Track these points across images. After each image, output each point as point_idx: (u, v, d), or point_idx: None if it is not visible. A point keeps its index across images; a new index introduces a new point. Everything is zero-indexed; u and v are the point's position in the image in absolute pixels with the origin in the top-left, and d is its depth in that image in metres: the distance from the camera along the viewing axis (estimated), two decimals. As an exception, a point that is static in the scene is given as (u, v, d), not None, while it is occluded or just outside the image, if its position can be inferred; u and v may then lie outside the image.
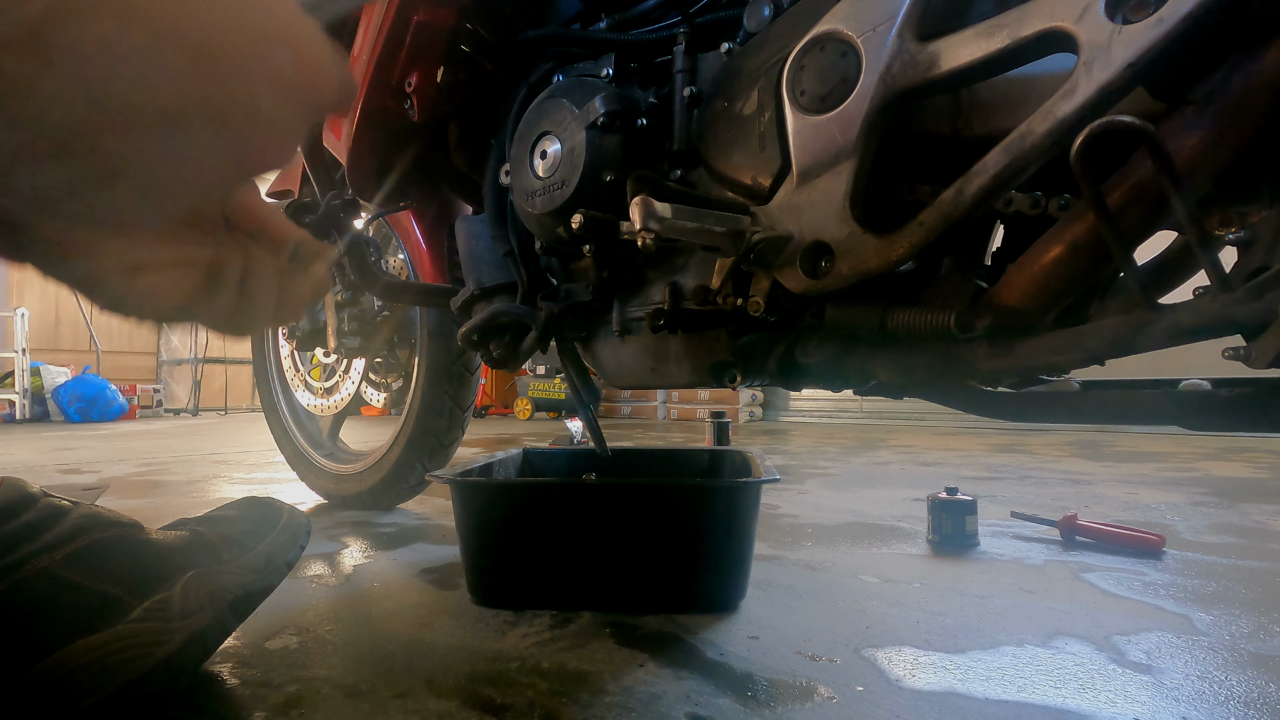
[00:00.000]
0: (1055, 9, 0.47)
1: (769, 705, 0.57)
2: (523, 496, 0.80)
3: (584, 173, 0.69)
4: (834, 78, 0.57)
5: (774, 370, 0.70)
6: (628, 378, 0.81)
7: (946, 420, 4.54)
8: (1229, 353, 0.45)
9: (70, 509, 0.55)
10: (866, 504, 1.51)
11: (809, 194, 0.59)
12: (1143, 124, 0.42)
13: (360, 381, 1.43)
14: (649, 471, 1.12)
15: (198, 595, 0.57)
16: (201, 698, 0.58)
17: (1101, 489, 1.75)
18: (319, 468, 1.47)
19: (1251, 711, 0.56)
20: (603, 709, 0.56)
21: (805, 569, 0.97)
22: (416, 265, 1.18)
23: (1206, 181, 0.45)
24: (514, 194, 0.78)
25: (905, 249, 0.54)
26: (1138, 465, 2.27)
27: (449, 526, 1.24)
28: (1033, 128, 0.47)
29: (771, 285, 0.64)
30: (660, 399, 5.75)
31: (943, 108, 0.58)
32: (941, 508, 1.13)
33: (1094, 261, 0.50)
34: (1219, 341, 0.46)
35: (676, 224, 0.56)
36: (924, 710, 0.56)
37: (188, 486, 1.77)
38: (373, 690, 0.59)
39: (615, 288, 0.78)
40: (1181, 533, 1.23)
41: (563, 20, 0.82)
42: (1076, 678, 0.62)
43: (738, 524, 0.78)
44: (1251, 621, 0.77)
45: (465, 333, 0.85)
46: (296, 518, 0.73)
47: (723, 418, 2.34)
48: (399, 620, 0.76)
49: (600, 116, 0.69)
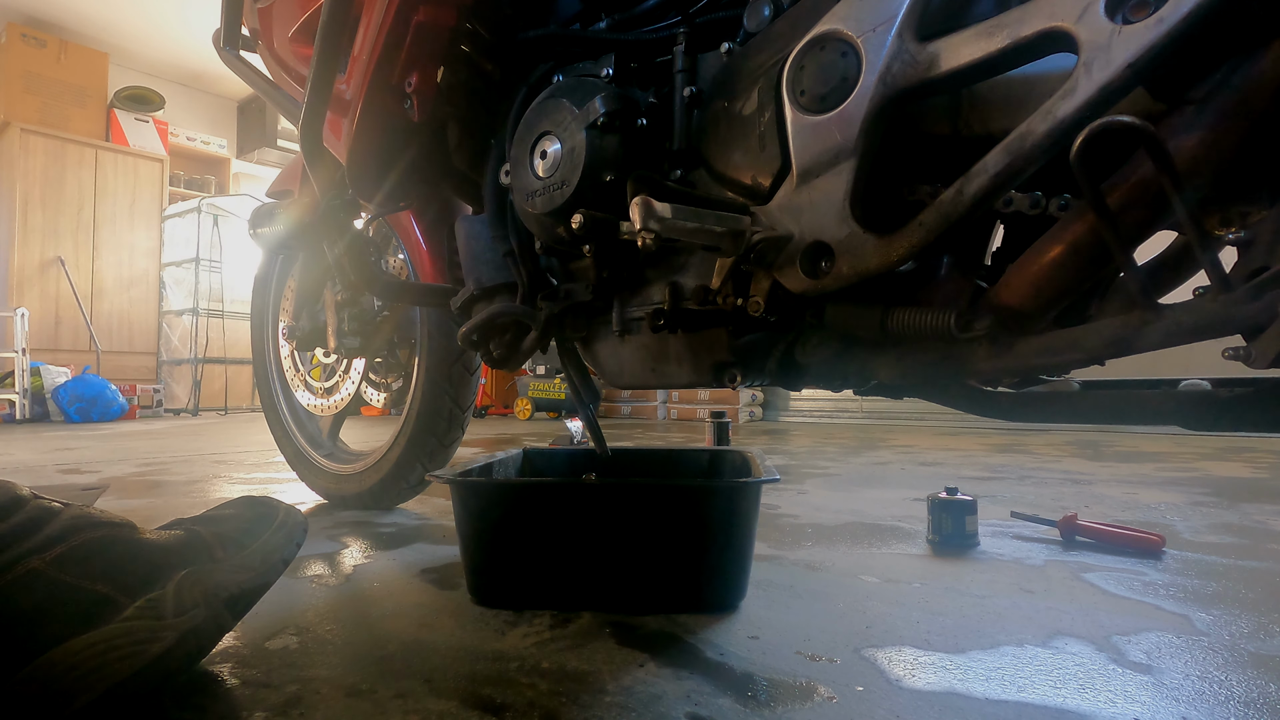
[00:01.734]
0: (1055, 9, 0.47)
1: (769, 705, 0.57)
2: (523, 496, 0.80)
3: (584, 173, 0.69)
4: (834, 78, 0.57)
5: (774, 370, 0.70)
6: (628, 378, 0.81)
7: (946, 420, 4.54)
8: (1229, 353, 0.45)
9: (60, 510, 0.55)
10: (866, 504, 1.51)
11: (809, 194, 0.59)
12: (1143, 124, 0.42)
13: (360, 381, 1.43)
14: (649, 472, 1.12)
15: (192, 593, 0.57)
16: (201, 697, 0.58)
17: (1101, 489, 1.75)
18: (319, 468, 1.47)
19: (1251, 711, 0.56)
20: (603, 709, 0.56)
21: (805, 569, 0.97)
22: (416, 265, 1.18)
23: (1206, 181, 0.45)
24: (514, 194, 0.78)
25: (905, 249, 0.54)
26: (1138, 465, 2.27)
27: (449, 526, 1.24)
28: (1033, 128, 0.47)
29: (771, 285, 0.64)
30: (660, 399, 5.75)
31: (943, 108, 0.58)
32: (941, 508, 1.13)
33: (1094, 261, 0.50)
34: (1219, 341, 0.46)
35: (676, 224, 0.56)
36: (924, 710, 0.56)
37: (188, 486, 1.77)
38: (373, 690, 0.59)
39: (615, 288, 0.78)
40: (1181, 533, 1.23)
41: (563, 20, 0.82)
42: (1076, 678, 0.62)
43: (738, 524, 0.78)
44: (1251, 621, 0.77)
45: (465, 333, 0.85)
46: (293, 516, 0.73)
47: (723, 418, 2.34)
48: (399, 620, 0.76)
49: (600, 116, 0.69)
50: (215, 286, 5.71)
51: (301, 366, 1.54)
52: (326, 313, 1.34)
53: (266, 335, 1.61)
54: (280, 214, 1.13)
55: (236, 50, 1.06)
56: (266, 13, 1.08)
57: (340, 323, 1.30)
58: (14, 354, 4.58)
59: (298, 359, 1.54)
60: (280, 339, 1.56)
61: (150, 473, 2.04)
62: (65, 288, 5.31)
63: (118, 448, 2.82)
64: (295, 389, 1.55)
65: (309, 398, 1.51)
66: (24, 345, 4.61)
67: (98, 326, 5.46)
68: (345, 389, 1.44)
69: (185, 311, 5.70)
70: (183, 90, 6.56)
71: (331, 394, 1.47)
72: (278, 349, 1.59)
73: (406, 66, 0.83)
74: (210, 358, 5.64)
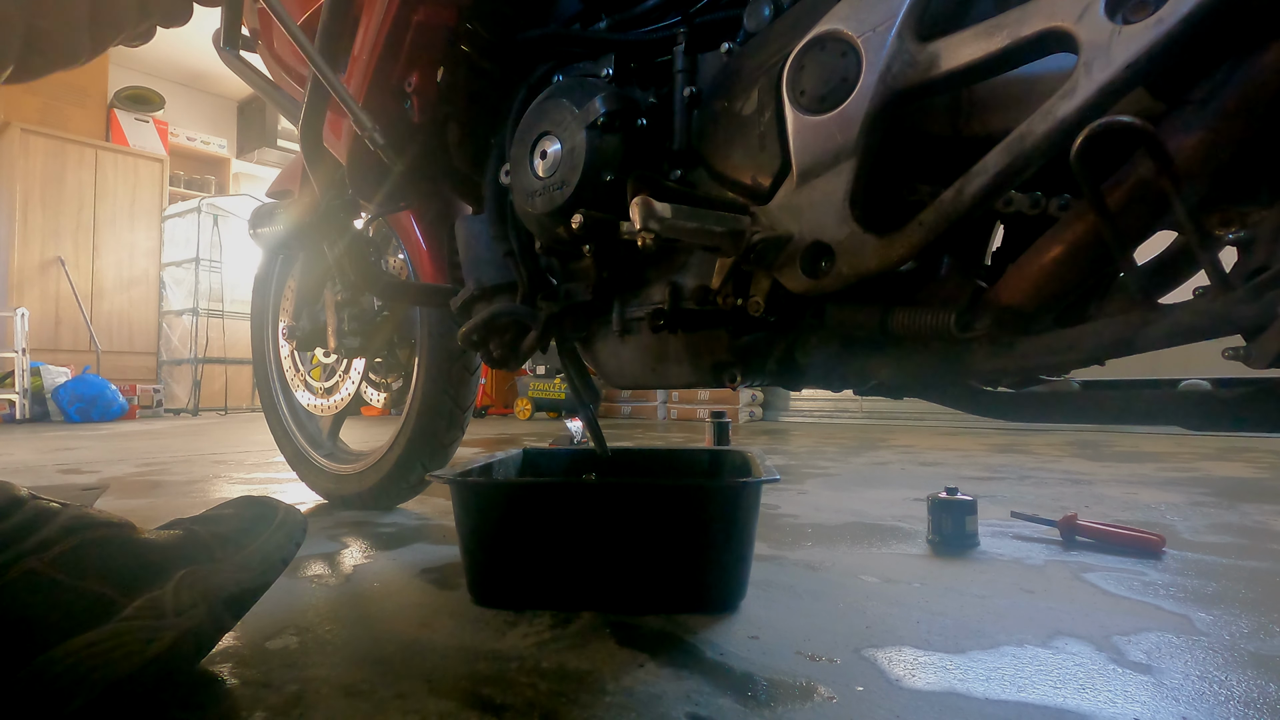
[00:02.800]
0: (1055, 9, 0.47)
1: (769, 705, 0.57)
2: (523, 496, 0.80)
3: (584, 173, 0.69)
4: (834, 78, 0.57)
5: (774, 370, 0.70)
6: (628, 378, 0.81)
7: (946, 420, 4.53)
8: (1229, 353, 0.45)
9: (59, 510, 0.55)
10: (866, 504, 1.51)
11: (809, 194, 0.59)
12: (1143, 124, 0.42)
13: (360, 381, 1.43)
14: (649, 472, 1.12)
15: (191, 593, 0.57)
16: (201, 697, 0.58)
17: (1101, 489, 1.75)
18: (319, 468, 1.47)
19: (1251, 711, 0.56)
20: (603, 709, 0.56)
21: (805, 569, 0.97)
22: (416, 265, 1.18)
23: (1206, 181, 0.45)
24: (514, 194, 0.78)
25: (905, 249, 0.54)
26: (1138, 465, 2.27)
27: (449, 526, 1.24)
28: (1033, 128, 0.47)
29: (771, 285, 0.64)
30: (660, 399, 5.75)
31: (943, 108, 0.58)
32: (941, 508, 1.13)
33: (1094, 261, 0.50)
34: (1219, 341, 0.46)
35: (676, 224, 0.56)
36: (924, 710, 0.56)
37: (187, 487, 1.77)
38: (373, 690, 0.59)
39: (615, 288, 0.78)
40: (1181, 533, 1.23)
41: (563, 20, 0.82)
42: (1076, 678, 0.62)
43: (738, 524, 0.78)
44: (1251, 621, 0.77)
45: (465, 333, 0.85)
46: (292, 515, 0.73)
47: (723, 418, 2.34)
48: (399, 620, 0.76)
49: (600, 116, 0.69)
50: (215, 286, 5.71)
51: (301, 366, 1.54)
52: (326, 313, 1.33)
53: (266, 335, 1.61)
54: (280, 214, 1.13)
55: (236, 50, 1.06)
56: (266, 13, 1.08)
57: (340, 323, 1.30)
58: (14, 354, 4.58)
59: (298, 359, 1.54)
60: (280, 339, 1.56)
61: (150, 473, 2.04)
62: (65, 288, 5.31)
63: (117, 448, 2.82)
64: (295, 389, 1.55)
65: (309, 398, 1.51)
66: (24, 345, 4.61)
67: (98, 326, 5.45)
68: (345, 389, 1.44)
69: (185, 311, 5.70)
70: (183, 90, 6.57)
71: (331, 394, 1.47)
72: (278, 349, 1.59)
73: (406, 66, 0.83)
74: (210, 358, 5.64)
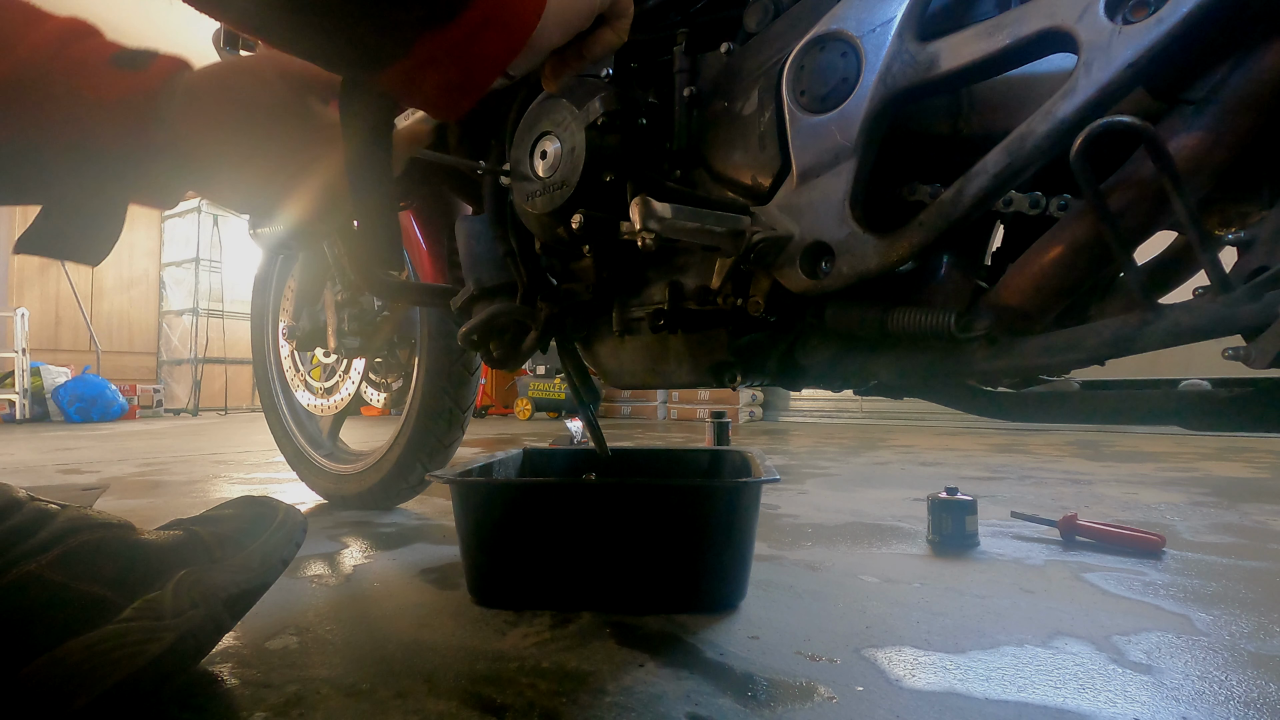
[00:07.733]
0: (1055, 9, 0.47)
1: (769, 705, 0.56)
2: (523, 496, 0.80)
3: (584, 173, 0.69)
4: (834, 78, 0.57)
5: (774, 370, 0.70)
6: (628, 378, 0.81)
7: (946, 420, 4.54)
8: (1229, 353, 0.45)
9: (57, 512, 0.55)
10: (866, 504, 1.51)
11: (809, 194, 0.59)
12: (1143, 124, 0.42)
13: (360, 381, 1.43)
14: (649, 472, 1.12)
15: (190, 593, 0.57)
16: (202, 698, 0.58)
17: (1101, 489, 1.75)
18: (319, 468, 1.47)
19: (1251, 711, 0.56)
20: (603, 709, 0.55)
21: (805, 569, 0.97)
22: (416, 265, 1.18)
23: (1206, 181, 0.45)
24: (514, 194, 0.78)
25: (905, 249, 0.54)
26: (1138, 465, 2.27)
27: (449, 526, 1.24)
28: (1033, 128, 0.47)
29: (771, 285, 0.64)
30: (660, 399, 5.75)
31: (943, 108, 0.58)
32: (941, 508, 1.13)
33: (1094, 261, 0.50)
34: (1219, 341, 0.46)
35: (676, 224, 0.56)
36: (924, 710, 0.56)
37: (188, 487, 1.77)
38: (373, 690, 0.59)
39: (615, 288, 0.78)
40: (1181, 533, 1.23)
41: (563, 20, 0.81)
42: (1076, 678, 0.62)
43: (738, 524, 0.78)
44: (1251, 621, 0.77)
45: (465, 333, 0.84)
46: (292, 516, 0.73)
47: (723, 418, 2.34)
48: (399, 620, 0.76)
49: (600, 116, 0.69)
50: (215, 286, 5.72)
51: (301, 366, 1.54)
52: (326, 313, 1.33)
53: (266, 335, 1.61)
54: (280, 214, 1.13)
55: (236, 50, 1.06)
56: (266, 13, 1.08)
57: (340, 323, 1.30)
58: (14, 354, 4.58)
59: (298, 359, 1.54)
60: (280, 339, 1.56)
61: (150, 473, 2.04)
62: (65, 288, 5.32)
63: (117, 448, 2.82)
64: (295, 389, 1.55)
65: (309, 398, 1.51)
66: (24, 345, 4.61)
67: (98, 326, 5.46)
68: (345, 389, 1.44)
69: (185, 311, 5.70)
70: (183, 90, 6.55)
71: (331, 394, 1.47)
72: (278, 349, 1.59)
73: None
74: (210, 358, 5.64)
